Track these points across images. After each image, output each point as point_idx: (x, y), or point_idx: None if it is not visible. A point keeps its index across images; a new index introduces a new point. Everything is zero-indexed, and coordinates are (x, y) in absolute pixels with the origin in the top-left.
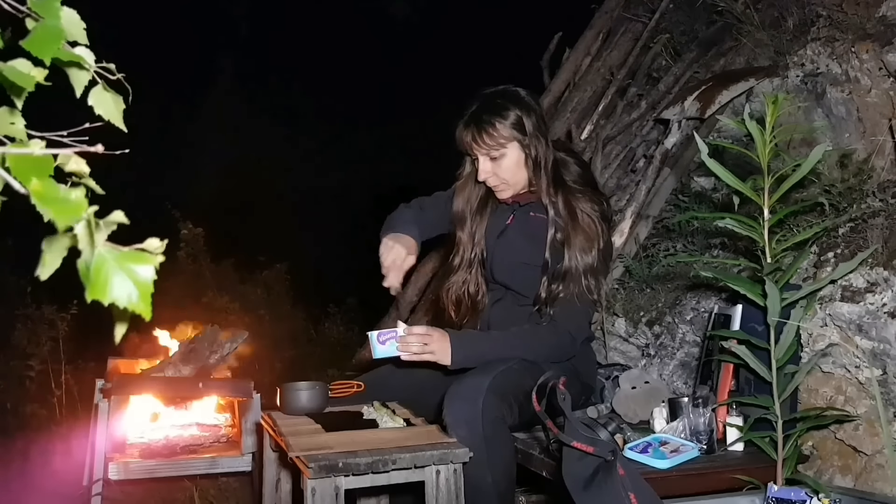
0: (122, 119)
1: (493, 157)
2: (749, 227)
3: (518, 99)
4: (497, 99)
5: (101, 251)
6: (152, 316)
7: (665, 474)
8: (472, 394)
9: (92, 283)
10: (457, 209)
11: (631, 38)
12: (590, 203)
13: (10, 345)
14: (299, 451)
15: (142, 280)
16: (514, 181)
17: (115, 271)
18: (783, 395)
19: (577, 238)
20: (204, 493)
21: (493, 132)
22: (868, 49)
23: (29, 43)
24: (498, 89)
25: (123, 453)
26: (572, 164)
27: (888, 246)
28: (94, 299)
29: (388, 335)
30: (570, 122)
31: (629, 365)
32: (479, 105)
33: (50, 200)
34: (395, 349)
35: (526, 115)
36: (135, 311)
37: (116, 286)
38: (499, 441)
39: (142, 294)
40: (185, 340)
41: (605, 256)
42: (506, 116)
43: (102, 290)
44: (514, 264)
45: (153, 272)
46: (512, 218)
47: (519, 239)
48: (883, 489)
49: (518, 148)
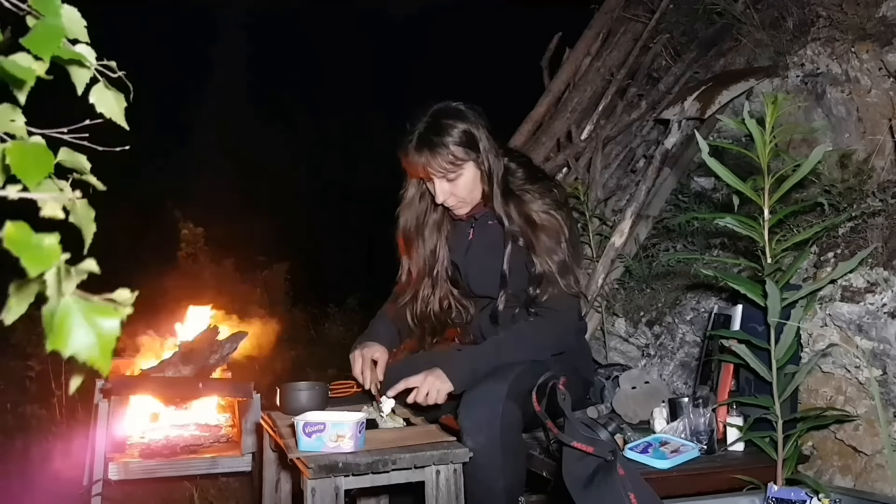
0: (123, 116)
1: (450, 178)
2: (749, 227)
3: (464, 116)
4: (443, 119)
5: (67, 300)
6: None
7: (665, 474)
8: (492, 400)
9: (55, 332)
10: (404, 228)
11: (631, 38)
12: (540, 200)
13: (10, 345)
14: (299, 453)
15: (105, 334)
16: (472, 198)
17: (79, 323)
18: (783, 395)
19: (540, 241)
20: (204, 493)
21: (449, 155)
22: (868, 49)
23: (29, 41)
24: (440, 107)
25: (123, 453)
26: (514, 166)
27: (888, 246)
28: (54, 350)
29: (314, 427)
30: (570, 122)
31: (629, 365)
32: (426, 126)
33: (22, 246)
34: (322, 444)
35: (476, 130)
36: (93, 364)
37: (78, 338)
38: (514, 447)
39: (102, 349)
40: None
41: (574, 243)
42: (458, 137)
43: (64, 341)
44: (488, 275)
45: (118, 326)
46: (472, 232)
47: (485, 250)
48: (883, 489)
49: (473, 166)
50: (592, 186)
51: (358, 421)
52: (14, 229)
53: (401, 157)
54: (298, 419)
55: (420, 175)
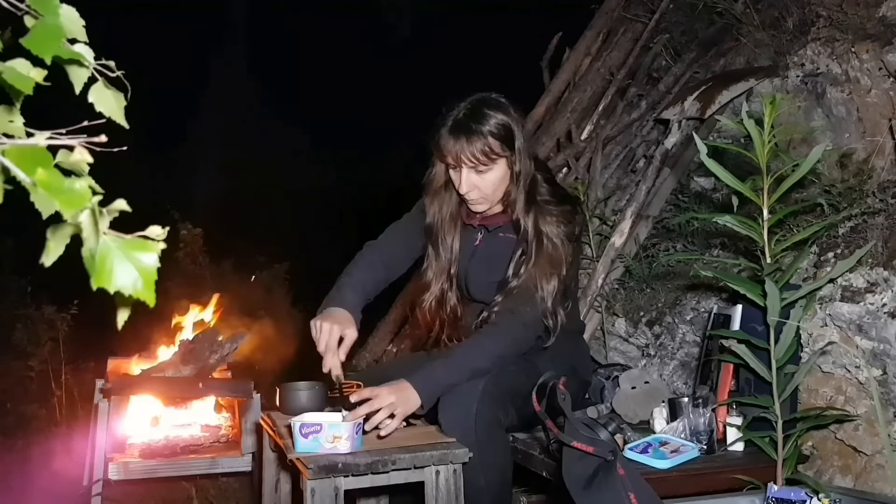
0: (123, 115)
1: (480, 170)
2: (748, 227)
3: (506, 109)
4: (485, 108)
5: (105, 240)
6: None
7: (665, 474)
8: (467, 397)
9: (97, 271)
10: (430, 220)
11: (631, 38)
12: (556, 225)
13: (10, 345)
14: (298, 453)
15: (146, 267)
16: (494, 196)
17: (120, 259)
18: (783, 395)
19: (538, 263)
20: (204, 493)
21: (486, 146)
22: (868, 49)
23: (29, 41)
24: (483, 96)
25: (123, 453)
26: (541, 178)
27: (888, 246)
28: (100, 287)
29: (311, 428)
30: (570, 122)
31: (629, 365)
32: (465, 113)
33: (56, 190)
34: (318, 445)
35: (515, 126)
36: (139, 297)
37: (121, 274)
38: (493, 444)
39: (146, 281)
40: (185, 341)
41: (569, 279)
42: (497, 129)
43: (108, 278)
44: (489, 284)
45: (156, 259)
46: (480, 240)
47: (489, 260)
48: (883, 489)
49: (505, 163)
50: (592, 186)
51: (355, 422)
52: (45, 174)
53: (434, 141)
54: (295, 420)
55: (449, 162)
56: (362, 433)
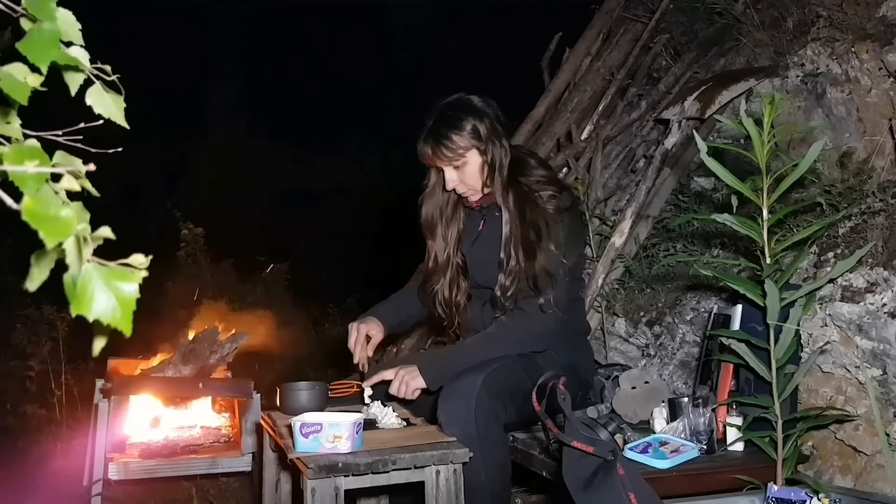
0: (122, 116)
1: (456, 166)
2: (748, 227)
3: (470, 107)
4: (449, 111)
5: (87, 268)
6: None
7: (665, 474)
8: (465, 392)
9: (77, 298)
10: (426, 216)
11: (631, 38)
12: (541, 198)
13: (10, 345)
14: (298, 453)
15: (125, 296)
16: (481, 185)
17: (101, 288)
18: (783, 395)
19: (523, 238)
20: (204, 493)
21: (451, 144)
22: (868, 49)
23: (25, 46)
24: (450, 100)
25: (123, 453)
26: (532, 163)
27: (888, 246)
28: (79, 314)
29: (311, 428)
30: (570, 122)
31: (629, 365)
32: (434, 119)
33: (41, 219)
34: (319, 445)
35: (479, 121)
36: (116, 326)
37: (100, 302)
38: (492, 439)
39: (124, 311)
40: (186, 341)
41: (569, 252)
42: (461, 127)
43: (87, 306)
44: (490, 265)
45: (137, 289)
46: (483, 223)
47: (492, 242)
48: (883, 489)
49: (477, 154)
50: (592, 186)
51: (355, 421)
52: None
53: (417, 149)
54: (295, 420)
55: (432, 164)
56: (363, 433)
